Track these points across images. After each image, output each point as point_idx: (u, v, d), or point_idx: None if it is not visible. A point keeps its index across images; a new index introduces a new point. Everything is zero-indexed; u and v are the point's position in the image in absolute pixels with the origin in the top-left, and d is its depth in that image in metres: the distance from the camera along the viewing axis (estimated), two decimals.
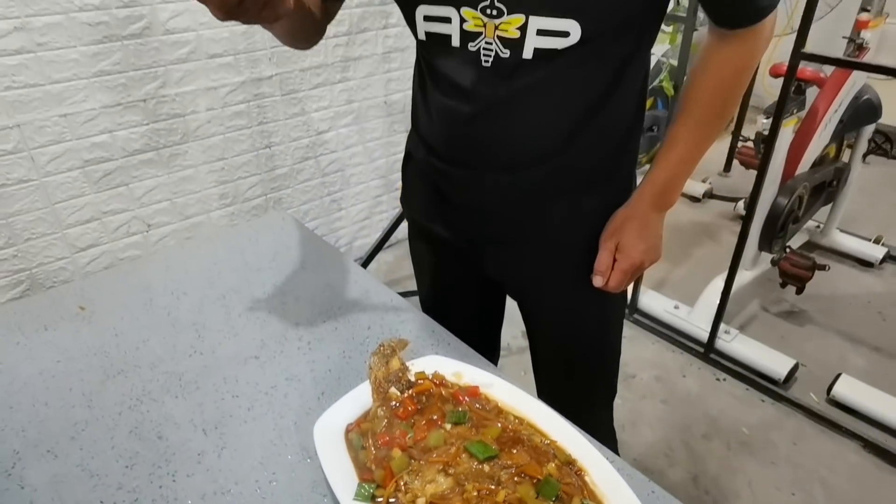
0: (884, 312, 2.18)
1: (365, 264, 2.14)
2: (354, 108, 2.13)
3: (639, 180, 0.80)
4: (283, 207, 2.11)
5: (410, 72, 2.16)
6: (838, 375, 1.78)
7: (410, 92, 2.26)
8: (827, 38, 2.32)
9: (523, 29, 0.64)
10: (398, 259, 2.44)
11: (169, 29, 1.62)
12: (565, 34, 0.63)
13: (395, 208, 2.44)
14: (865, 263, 2.45)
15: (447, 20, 0.68)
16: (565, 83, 0.68)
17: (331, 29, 1.77)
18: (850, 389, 1.74)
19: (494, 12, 0.64)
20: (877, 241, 2.49)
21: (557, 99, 0.69)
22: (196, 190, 1.86)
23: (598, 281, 0.79)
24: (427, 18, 0.69)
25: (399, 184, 2.42)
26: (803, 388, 1.83)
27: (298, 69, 1.92)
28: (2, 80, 1.42)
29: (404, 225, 2.05)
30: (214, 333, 0.73)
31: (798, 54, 1.42)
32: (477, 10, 0.65)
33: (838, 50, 2.06)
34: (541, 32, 0.64)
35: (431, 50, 0.73)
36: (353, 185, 2.29)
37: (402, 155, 0.93)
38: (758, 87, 3.09)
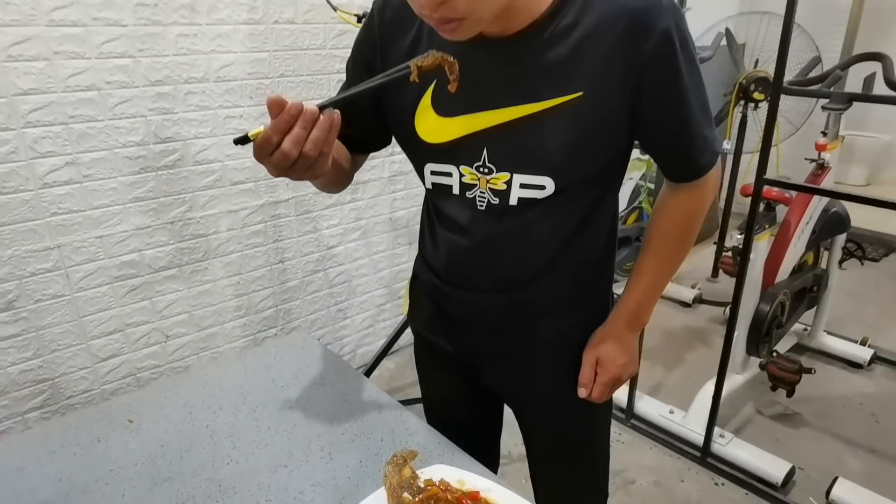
0: (877, 414, 2.24)
1: (369, 372, 2.22)
2: (362, 224, 2.31)
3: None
4: (292, 318, 2.23)
5: (413, 192, 2.37)
6: (836, 479, 1.81)
7: (413, 209, 2.45)
8: (799, 152, 2.53)
9: (509, 183, 0.79)
10: (399, 367, 2.52)
11: (198, 160, 1.82)
12: (542, 187, 0.78)
13: (398, 316, 2.56)
14: (854, 365, 2.53)
15: (449, 174, 0.83)
16: (544, 224, 0.82)
17: None
18: (848, 493, 1.77)
19: (486, 170, 0.80)
20: (863, 343, 2.59)
21: (538, 236, 0.83)
22: (213, 303, 1.99)
23: (582, 392, 0.90)
24: (433, 172, 0.85)
25: (402, 292, 2.55)
26: (802, 492, 1.85)
27: (313, 192, 2.11)
28: (50, 207, 1.59)
29: (406, 333, 2.17)
30: (248, 444, 0.82)
31: (760, 179, 1.59)
32: (472, 167, 0.80)
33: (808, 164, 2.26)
34: (523, 186, 0.79)
35: (437, 195, 0.88)
36: (358, 294, 2.42)
37: (404, 266, 1.07)
38: (738, 197, 3.30)
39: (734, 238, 2.22)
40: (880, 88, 2.10)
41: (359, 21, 1.62)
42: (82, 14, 1.51)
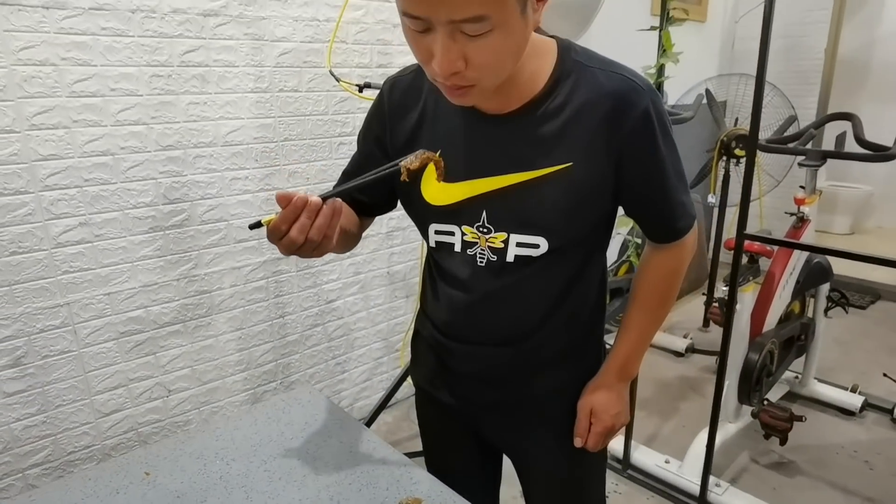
0: (871, 462, 2.26)
1: (367, 425, 2.24)
2: (360, 278, 2.37)
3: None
4: (291, 372, 2.27)
5: (410, 246, 2.45)
6: None
7: (410, 263, 2.52)
8: (785, 204, 2.63)
9: (506, 242, 0.86)
10: (397, 420, 2.54)
11: (204, 220, 1.89)
12: (536, 246, 0.86)
13: (395, 369, 2.59)
14: (847, 412, 2.56)
15: (452, 234, 0.91)
16: (539, 279, 0.89)
17: None
18: None
19: (485, 230, 0.87)
20: (853, 390, 2.62)
21: (534, 290, 0.90)
22: (215, 357, 2.03)
23: (578, 442, 0.96)
24: (437, 232, 0.92)
25: (399, 345, 2.58)
26: None
27: None
28: (62, 266, 1.65)
29: (402, 387, 2.20)
30: (260, 494, 0.86)
31: (741, 234, 1.68)
32: (473, 227, 0.88)
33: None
34: (519, 245, 0.86)
35: (440, 252, 0.95)
36: (356, 348, 2.46)
37: (401, 318, 1.13)
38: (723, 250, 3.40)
39: (720, 290, 2.29)
40: (851, 145, 2.23)
41: (360, 91, 1.73)
42: (101, 85, 1.61)
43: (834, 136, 2.36)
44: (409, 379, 2.22)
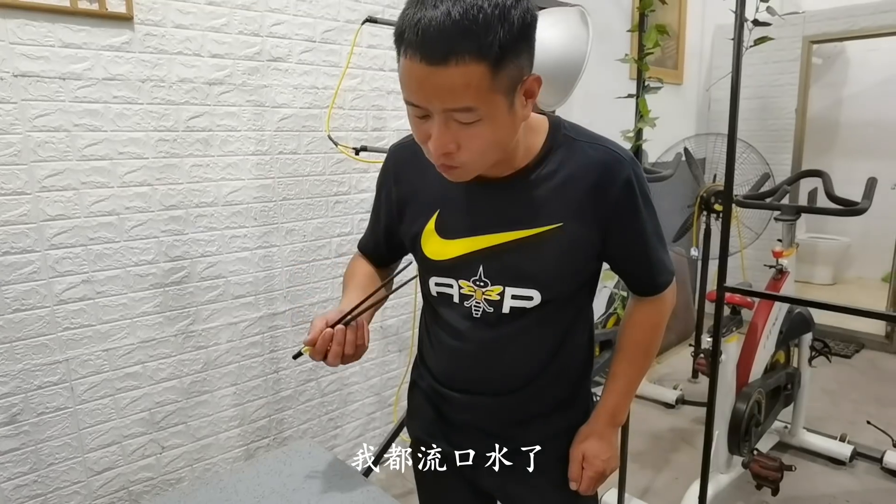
0: None
1: None
2: None
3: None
4: (284, 428, 2.27)
5: (403, 300, 2.50)
6: None
7: (402, 317, 2.56)
8: (767, 256, 2.73)
9: (502, 294, 0.93)
10: (390, 477, 2.52)
11: (203, 277, 1.94)
12: (530, 298, 0.92)
13: (388, 424, 2.60)
14: (837, 461, 2.58)
15: (450, 286, 0.97)
16: (533, 330, 0.96)
17: (338, 271, 2.15)
18: None
19: (482, 283, 0.94)
20: (842, 439, 2.65)
21: (528, 341, 0.97)
22: (209, 413, 2.04)
23: (573, 486, 1.01)
24: (437, 284, 0.99)
25: (392, 399, 2.59)
26: None
27: (308, 304, 2.22)
28: (63, 322, 1.68)
29: (395, 442, 2.20)
30: None
31: (721, 287, 1.75)
32: (469, 281, 0.95)
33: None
34: (514, 297, 0.93)
35: (439, 302, 1.01)
36: (349, 403, 2.47)
37: (394, 373, 1.20)
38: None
39: (705, 342, 2.35)
40: (823, 200, 2.35)
41: (356, 153, 1.83)
42: (110, 149, 1.69)
43: (810, 191, 2.48)
44: (401, 435, 2.24)
